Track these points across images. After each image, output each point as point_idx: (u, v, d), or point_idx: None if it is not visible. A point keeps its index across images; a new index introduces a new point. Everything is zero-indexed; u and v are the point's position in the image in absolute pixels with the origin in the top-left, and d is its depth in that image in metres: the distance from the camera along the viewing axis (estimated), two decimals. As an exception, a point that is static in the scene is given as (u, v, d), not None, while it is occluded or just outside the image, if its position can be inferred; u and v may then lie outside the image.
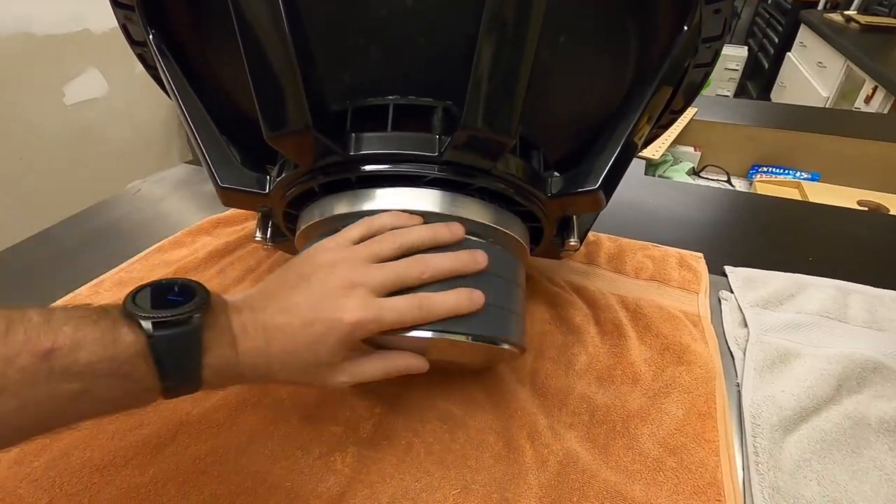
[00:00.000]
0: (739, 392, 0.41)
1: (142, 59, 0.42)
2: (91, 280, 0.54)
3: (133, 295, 0.25)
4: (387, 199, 0.32)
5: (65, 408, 0.22)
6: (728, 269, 0.56)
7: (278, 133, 0.28)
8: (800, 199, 0.86)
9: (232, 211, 0.65)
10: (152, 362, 0.23)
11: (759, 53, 2.86)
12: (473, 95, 0.26)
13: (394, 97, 0.31)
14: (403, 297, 0.29)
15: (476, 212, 0.33)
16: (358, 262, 0.29)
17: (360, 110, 0.31)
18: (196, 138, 0.35)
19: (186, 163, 0.82)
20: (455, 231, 0.31)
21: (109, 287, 0.53)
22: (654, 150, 0.85)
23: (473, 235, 0.33)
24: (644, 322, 0.48)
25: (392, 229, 0.31)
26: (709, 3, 0.33)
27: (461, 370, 0.42)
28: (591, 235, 0.61)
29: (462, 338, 0.30)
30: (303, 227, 0.35)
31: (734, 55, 2.56)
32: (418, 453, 0.37)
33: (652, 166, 0.95)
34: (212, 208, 0.67)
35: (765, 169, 0.96)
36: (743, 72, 2.71)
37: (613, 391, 0.41)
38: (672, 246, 0.60)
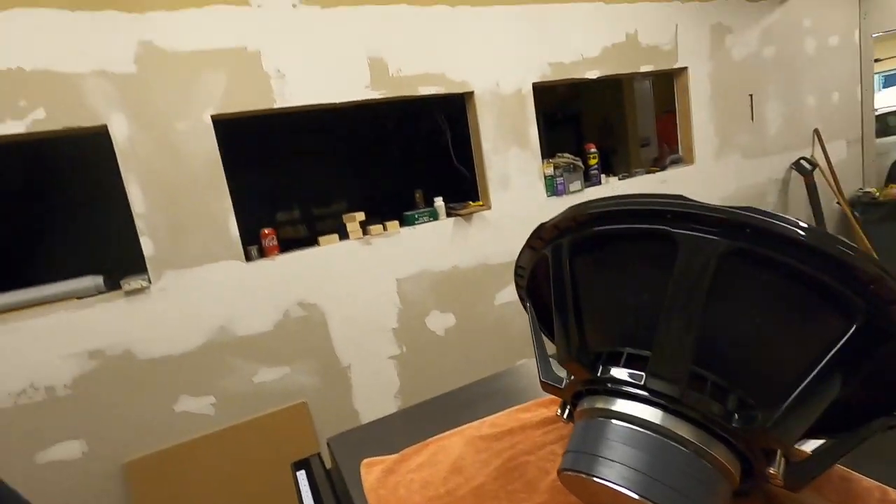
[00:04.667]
0: None
1: (521, 299, 0.82)
2: (512, 407, 0.93)
3: None
4: (623, 407, 0.54)
5: None
6: None
7: (565, 361, 0.58)
8: None
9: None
10: None
11: None
12: (656, 349, 0.49)
13: (626, 349, 0.55)
14: None
15: (682, 428, 0.51)
16: None
17: (609, 353, 0.57)
18: (537, 350, 0.69)
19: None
20: None
21: (510, 413, 0.91)
22: None
23: (682, 446, 0.50)
24: None
25: None
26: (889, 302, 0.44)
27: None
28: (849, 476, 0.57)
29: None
30: (577, 411, 0.61)
31: None
32: None
33: None
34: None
35: None
36: None
37: None
38: None
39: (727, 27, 2.93)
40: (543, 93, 2.58)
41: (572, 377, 0.62)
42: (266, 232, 1.95)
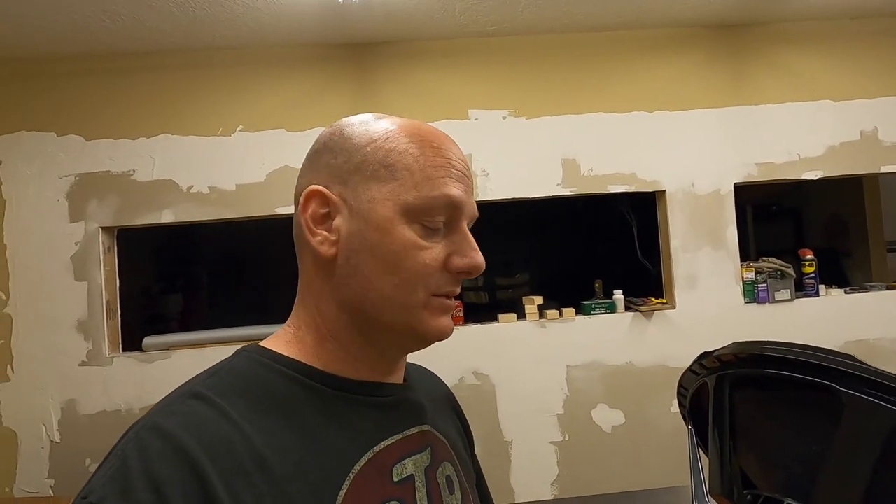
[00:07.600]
0: None
1: (684, 418, 0.83)
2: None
3: None
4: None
5: None
6: None
7: (715, 495, 0.60)
8: None
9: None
10: None
11: None
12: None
13: (787, 499, 0.56)
14: None
15: None
16: None
17: (766, 499, 0.58)
18: (692, 474, 0.71)
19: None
20: None
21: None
22: None
23: None
24: None
25: None
26: None
27: None
28: None
29: None
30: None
31: None
32: None
33: None
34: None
35: None
36: None
37: None
38: None
39: None
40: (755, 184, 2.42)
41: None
42: (455, 304, 2.23)
